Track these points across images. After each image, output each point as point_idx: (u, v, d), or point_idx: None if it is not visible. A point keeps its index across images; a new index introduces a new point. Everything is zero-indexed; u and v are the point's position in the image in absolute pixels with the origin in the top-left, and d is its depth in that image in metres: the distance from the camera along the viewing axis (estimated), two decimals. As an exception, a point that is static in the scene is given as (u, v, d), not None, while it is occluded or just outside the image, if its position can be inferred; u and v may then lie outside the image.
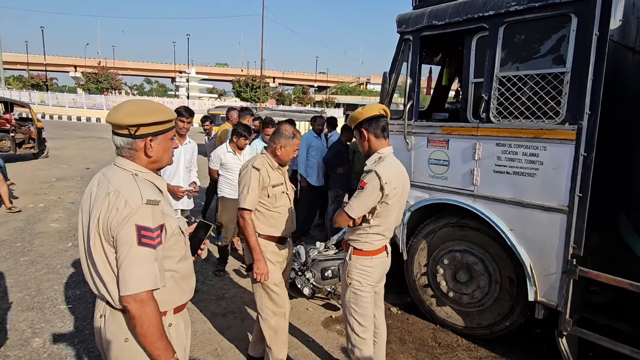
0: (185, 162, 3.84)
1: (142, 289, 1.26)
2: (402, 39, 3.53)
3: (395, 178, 2.14)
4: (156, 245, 1.31)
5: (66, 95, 40.10)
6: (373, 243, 2.26)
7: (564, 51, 2.61)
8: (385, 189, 2.08)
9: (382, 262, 2.34)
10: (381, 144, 2.23)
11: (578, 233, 2.59)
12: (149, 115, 1.38)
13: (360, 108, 2.27)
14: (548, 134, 2.67)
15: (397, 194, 2.17)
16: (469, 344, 3.25)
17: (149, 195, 1.34)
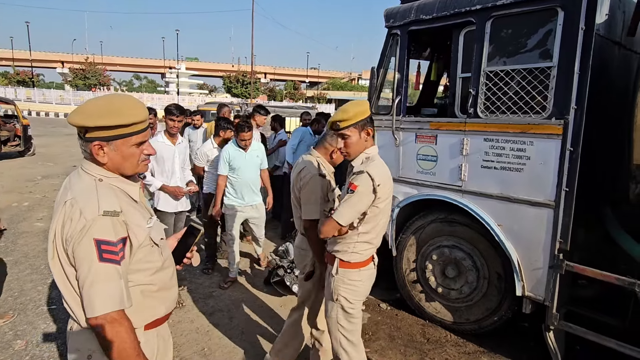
0: (180, 162, 3.79)
1: (110, 309, 1.14)
2: (390, 34, 3.49)
3: (387, 179, 2.00)
4: (120, 260, 1.18)
5: (53, 91, 39.50)
6: (361, 253, 2.06)
7: (550, 45, 2.60)
8: (378, 191, 1.92)
9: (370, 275, 2.16)
10: (371, 144, 2.08)
11: (564, 228, 2.60)
12: (96, 118, 1.20)
13: (352, 104, 2.01)
14: (535, 129, 2.66)
15: (388, 197, 2.04)
16: (458, 339, 3.26)
17: (108, 205, 1.19)
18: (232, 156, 3.92)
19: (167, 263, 1.40)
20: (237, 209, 4.03)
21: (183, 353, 2.95)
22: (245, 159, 3.97)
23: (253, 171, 4.03)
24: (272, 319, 3.45)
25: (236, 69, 57.75)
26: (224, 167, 3.94)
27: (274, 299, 3.81)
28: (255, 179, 4.07)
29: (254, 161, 4.03)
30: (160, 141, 3.62)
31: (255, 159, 4.05)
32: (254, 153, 4.03)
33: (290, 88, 60.43)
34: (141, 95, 42.37)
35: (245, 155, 3.97)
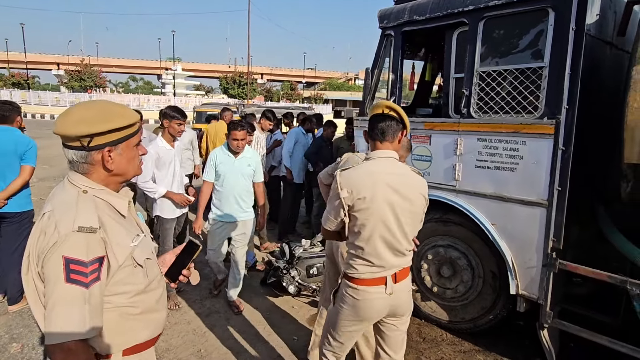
0: (179, 163, 3.69)
1: (66, 338, 1.02)
2: (384, 35, 3.51)
3: (362, 185, 1.73)
4: (89, 283, 1.06)
5: (49, 93, 39.30)
6: (357, 268, 1.82)
7: (542, 46, 2.62)
8: (341, 195, 1.74)
9: (374, 300, 1.82)
10: (381, 147, 1.85)
11: (557, 226, 2.62)
12: (104, 122, 1.15)
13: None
14: (527, 129, 2.68)
15: (368, 208, 1.74)
16: (453, 338, 3.28)
17: (85, 220, 1.09)
18: (220, 160, 3.42)
19: (154, 285, 1.28)
20: (220, 225, 3.49)
21: (180, 355, 2.95)
22: (234, 165, 3.42)
23: (241, 181, 3.45)
24: (268, 320, 3.46)
25: (233, 69, 57.75)
26: (209, 172, 3.44)
27: (270, 299, 3.82)
28: (242, 190, 3.47)
29: (243, 170, 3.46)
30: (160, 145, 3.45)
31: (246, 168, 3.47)
32: (244, 161, 3.46)
33: (287, 88, 60.44)
34: (137, 97, 42.28)
35: (234, 161, 3.42)
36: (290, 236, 5.65)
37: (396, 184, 1.76)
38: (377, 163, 1.81)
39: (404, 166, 1.85)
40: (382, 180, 1.75)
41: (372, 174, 1.76)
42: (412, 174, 1.84)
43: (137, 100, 39.31)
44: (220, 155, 3.44)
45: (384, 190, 1.74)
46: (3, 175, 3.27)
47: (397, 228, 1.77)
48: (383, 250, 1.78)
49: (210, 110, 16.38)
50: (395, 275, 1.83)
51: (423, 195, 1.84)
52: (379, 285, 1.81)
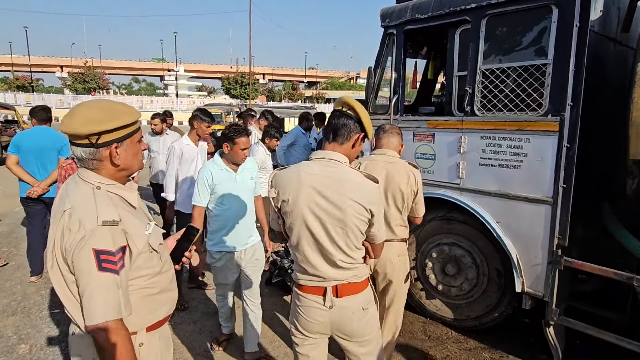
0: (202, 163, 3.72)
1: (108, 318, 1.15)
2: (386, 33, 3.51)
3: (287, 186, 1.60)
4: (119, 270, 1.18)
5: (53, 96, 39.61)
6: (297, 274, 1.71)
7: (545, 43, 2.62)
8: (271, 194, 1.66)
9: (311, 308, 1.67)
10: (325, 147, 1.68)
11: (562, 224, 2.61)
12: (111, 120, 1.23)
13: None
14: (531, 126, 2.68)
15: (292, 211, 1.59)
16: (459, 335, 3.28)
17: (107, 214, 1.19)
18: (217, 179, 2.70)
19: (167, 267, 1.41)
20: (227, 258, 2.77)
21: (186, 354, 2.97)
22: (236, 183, 2.74)
23: (247, 199, 2.81)
24: (273, 320, 3.47)
25: (235, 70, 57.84)
26: (202, 195, 2.71)
27: (275, 299, 3.84)
28: (251, 210, 2.84)
29: (247, 185, 2.80)
30: (185, 143, 3.67)
31: (249, 182, 2.83)
32: (246, 174, 2.82)
33: (288, 88, 60.47)
34: (141, 99, 42.43)
35: (235, 177, 2.75)
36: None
37: (325, 189, 1.56)
38: (312, 164, 1.63)
39: (347, 171, 1.60)
40: (309, 183, 1.57)
41: (300, 175, 1.60)
42: (357, 180, 1.58)
43: (140, 101, 39.48)
44: (216, 172, 2.70)
45: (309, 194, 1.57)
46: (45, 167, 4.03)
47: (325, 236, 1.58)
48: (315, 258, 1.62)
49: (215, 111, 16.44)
50: (337, 288, 1.64)
51: (360, 204, 1.55)
52: (316, 295, 1.66)
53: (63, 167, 3.20)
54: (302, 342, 1.76)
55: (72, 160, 3.23)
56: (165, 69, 63.45)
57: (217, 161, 2.74)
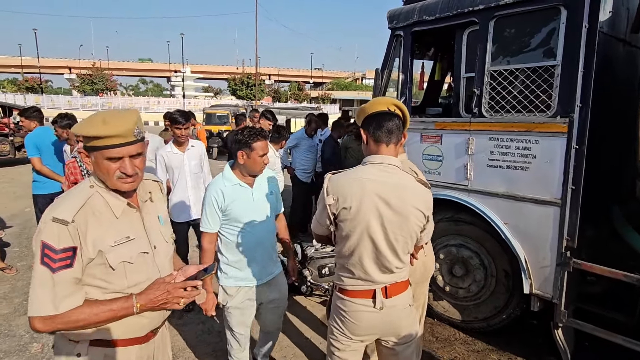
0: (192, 168, 3.58)
1: (33, 314, 1.17)
2: (394, 35, 3.52)
3: (349, 193, 1.54)
4: (56, 270, 1.17)
5: (61, 97, 40.07)
6: (343, 279, 1.67)
7: (554, 44, 2.61)
8: (327, 201, 1.57)
9: (362, 312, 1.64)
10: (380, 151, 1.61)
11: (571, 225, 2.60)
12: (85, 127, 1.24)
13: (366, 103, 1.73)
14: (540, 128, 2.67)
15: (353, 219, 1.55)
16: (466, 337, 3.28)
17: (63, 212, 1.19)
18: (231, 197, 2.17)
19: (136, 290, 1.30)
20: (244, 294, 2.27)
21: (193, 355, 3.00)
22: (254, 200, 2.23)
23: (268, 220, 2.30)
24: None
25: (240, 71, 58.05)
26: (211, 220, 2.19)
27: (283, 299, 3.86)
28: (272, 232, 2.37)
29: (266, 202, 2.31)
30: (167, 150, 3.52)
31: (268, 197, 2.32)
32: (265, 188, 2.31)
33: (294, 89, 60.57)
34: (148, 99, 42.75)
35: (252, 193, 2.23)
36: (301, 235, 5.68)
37: (389, 196, 1.54)
38: (371, 170, 1.59)
39: (404, 176, 1.61)
40: (373, 190, 1.54)
41: (362, 182, 1.55)
42: (414, 185, 1.60)
43: (147, 102, 39.79)
44: (228, 190, 2.17)
45: (373, 202, 1.54)
46: (60, 164, 4.25)
47: (386, 244, 1.57)
48: (369, 265, 1.60)
49: (220, 112, 16.51)
50: (386, 289, 1.64)
51: (421, 211, 1.59)
52: (365, 299, 1.63)
53: (67, 165, 3.34)
54: (345, 347, 1.72)
55: (74, 159, 3.33)
56: (172, 70, 63.84)
57: (228, 175, 2.20)
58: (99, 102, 36.96)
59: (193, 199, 3.59)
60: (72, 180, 3.25)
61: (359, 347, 1.75)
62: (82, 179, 3.16)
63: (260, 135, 2.16)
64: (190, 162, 3.57)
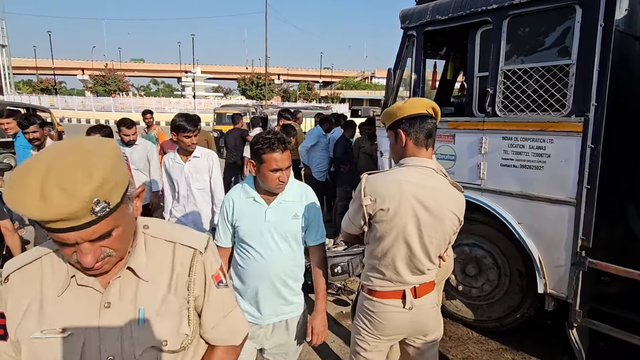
0: (194, 182, 3.00)
1: None
2: (406, 35, 3.53)
3: (387, 195, 1.52)
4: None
5: (75, 98, 40.75)
6: (372, 280, 1.67)
7: (569, 43, 2.60)
8: (364, 201, 1.55)
9: (391, 313, 1.64)
10: (420, 154, 1.62)
11: (586, 225, 2.59)
12: (7, 196, 0.79)
13: (401, 102, 1.67)
14: (554, 127, 2.66)
15: (390, 221, 1.53)
16: (480, 336, 3.28)
17: (8, 266, 0.92)
18: (240, 211, 1.82)
19: None
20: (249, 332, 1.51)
21: None
22: (265, 222, 1.78)
23: (284, 248, 1.81)
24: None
25: (250, 71, 58.36)
26: (222, 233, 1.89)
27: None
28: (289, 266, 1.83)
29: (285, 226, 1.80)
30: (170, 158, 3.04)
31: (289, 222, 1.81)
32: (286, 209, 1.81)
33: (304, 88, 60.67)
34: (159, 100, 43.23)
35: (266, 212, 1.78)
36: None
37: (426, 199, 1.54)
38: (409, 172, 1.59)
39: (441, 179, 1.62)
40: (411, 193, 1.53)
41: (401, 184, 1.54)
42: (450, 189, 1.62)
43: (159, 102, 40.22)
44: (240, 202, 1.82)
45: (411, 204, 1.53)
46: None
47: (420, 247, 1.58)
48: (401, 266, 1.60)
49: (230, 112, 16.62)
50: (415, 290, 1.66)
51: (455, 214, 1.61)
52: (395, 299, 1.64)
53: None
54: (372, 348, 1.72)
55: None
56: (183, 71, 64.45)
57: (247, 187, 1.82)
58: (111, 103, 37.49)
59: (192, 217, 3.03)
60: None
61: (385, 347, 1.76)
62: None
63: (275, 144, 1.66)
64: (191, 175, 2.98)
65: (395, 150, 1.70)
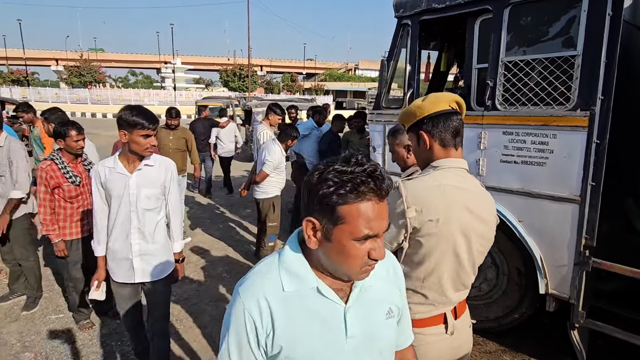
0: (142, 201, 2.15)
1: None
2: (400, 24, 3.36)
3: (434, 204, 1.31)
4: None
5: (49, 90, 39.18)
6: (410, 308, 1.27)
7: (574, 33, 2.48)
8: (409, 213, 1.30)
9: (433, 344, 1.40)
10: (450, 155, 1.40)
11: (590, 223, 2.50)
12: None
13: (419, 100, 1.45)
14: (558, 121, 2.55)
15: (438, 233, 1.32)
16: (477, 337, 3.18)
17: None
18: (287, 315, 0.89)
19: None
20: None
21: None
22: (348, 336, 0.92)
23: None
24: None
25: (232, 62, 57.33)
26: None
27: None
28: None
29: (382, 335, 1.00)
30: (107, 166, 2.14)
31: (387, 323, 1.01)
32: (368, 300, 0.98)
33: (287, 80, 60.04)
34: (138, 92, 41.99)
35: (345, 315, 0.93)
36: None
37: (473, 205, 1.36)
38: (448, 174, 1.37)
39: (476, 181, 1.46)
40: (458, 200, 1.34)
41: (445, 189, 1.33)
42: (485, 190, 1.47)
43: (137, 94, 39.09)
44: (288, 299, 0.91)
45: (461, 213, 1.33)
46: None
47: (468, 258, 1.38)
48: (447, 284, 1.38)
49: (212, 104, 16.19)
50: (455, 310, 1.44)
51: (495, 218, 1.47)
52: (437, 325, 1.41)
53: (43, 170, 2.79)
54: None
55: (51, 161, 2.84)
56: (162, 62, 62.77)
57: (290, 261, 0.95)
58: (87, 95, 36.20)
59: (138, 248, 2.20)
60: (54, 184, 2.81)
61: None
62: (67, 182, 2.83)
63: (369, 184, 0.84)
64: (140, 191, 2.14)
65: (419, 154, 1.49)
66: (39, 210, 2.82)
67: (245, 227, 5.87)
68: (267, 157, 3.97)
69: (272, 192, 4.13)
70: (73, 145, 2.83)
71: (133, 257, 2.19)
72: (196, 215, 6.35)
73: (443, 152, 1.41)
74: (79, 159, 2.96)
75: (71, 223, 2.90)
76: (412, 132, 1.48)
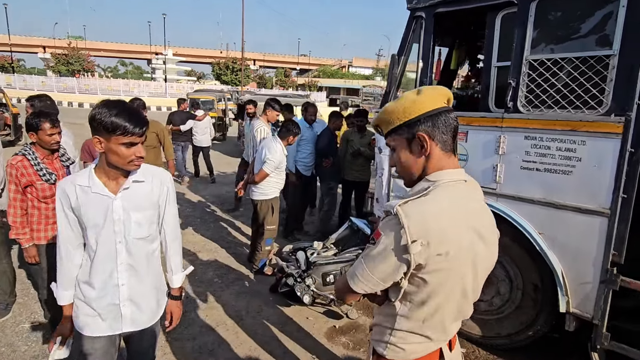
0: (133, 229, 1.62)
1: None
2: (413, 17, 3.12)
3: (444, 234, 1.05)
4: None
5: (35, 77, 38.01)
6: (404, 348, 1.20)
7: (610, 31, 2.26)
8: (413, 248, 1.03)
9: None
10: (449, 164, 1.15)
11: (619, 239, 2.31)
12: None
13: (412, 93, 1.15)
14: (588, 127, 2.34)
15: (446, 269, 1.08)
16: (487, 354, 2.99)
17: None
18: None
19: None
20: None
21: (186, 378, 2.61)
22: None
23: None
24: (282, 334, 3.13)
25: (225, 55, 56.57)
26: None
27: (282, 309, 3.49)
28: None
29: None
30: (80, 184, 1.57)
31: None
32: None
33: (280, 75, 59.49)
34: (127, 82, 41.03)
35: None
36: (297, 234, 5.31)
37: (479, 226, 1.13)
38: (452, 192, 1.11)
39: (475, 191, 1.22)
40: (466, 223, 1.10)
41: (453, 213, 1.08)
42: (485, 204, 1.23)
43: (126, 85, 38.19)
44: None
45: (471, 240, 1.10)
46: None
47: (473, 287, 1.17)
48: (449, 322, 1.19)
49: (203, 97, 15.76)
50: (450, 342, 1.27)
51: (497, 233, 1.25)
52: None
53: (13, 166, 2.44)
54: None
55: (22, 156, 2.49)
56: (153, 52, 61.59)
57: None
58: (75, 84, 35.24)
59: (127, 290, 1.66)
60: (25, 183, 2.46)
61: None
62: (40, 180, 2.47)
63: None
64: (129, 216, 1.61)
65: (409, 163, 1.17)
66: (7, 212, 2.51)
67: (237, 227, 5.60)
68: (268, 156, 3.70)
69: (271, 193, 3.87)
70: (46, 140, 2.48)
71: (121, 303, 1.64)
72: (186, 213, 6.05)
73: (443, 160, 1.13)
74: (56, 154, 2.64)
75: (46, 225, 2.59)
76: (398, 136, 1.17)
